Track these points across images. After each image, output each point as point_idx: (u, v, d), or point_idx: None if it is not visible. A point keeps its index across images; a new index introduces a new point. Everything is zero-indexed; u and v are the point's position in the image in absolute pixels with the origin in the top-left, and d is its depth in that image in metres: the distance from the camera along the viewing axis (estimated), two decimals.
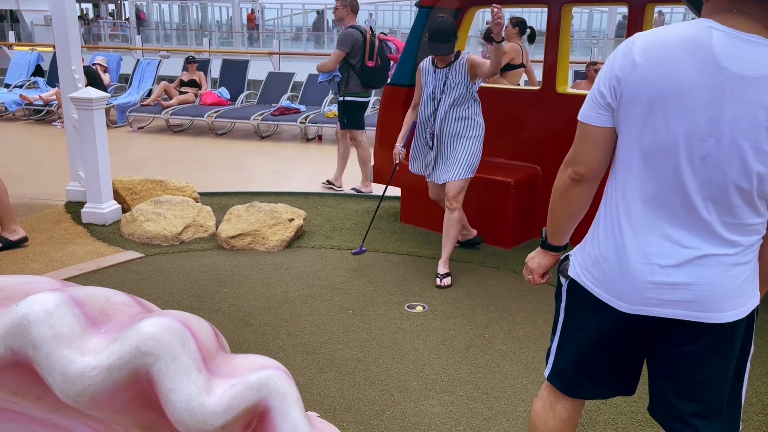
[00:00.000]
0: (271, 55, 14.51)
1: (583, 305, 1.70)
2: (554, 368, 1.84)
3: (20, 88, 10.70)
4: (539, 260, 1.89)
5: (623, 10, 26.63)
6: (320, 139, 9.03)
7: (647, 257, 1.55)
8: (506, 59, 6.01)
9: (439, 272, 4.04)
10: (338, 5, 5.76)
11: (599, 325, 1.68)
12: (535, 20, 28.06)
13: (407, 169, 5.08)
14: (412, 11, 25.43)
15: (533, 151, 4.79)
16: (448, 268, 4.07)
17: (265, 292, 3.87)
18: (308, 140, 8.97)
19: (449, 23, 3.78)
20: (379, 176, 5.23)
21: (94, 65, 10.27)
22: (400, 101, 4.97)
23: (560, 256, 1.86)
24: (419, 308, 3.68)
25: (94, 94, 4.88)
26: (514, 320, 3.55)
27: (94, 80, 8.73)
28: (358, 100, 5.86)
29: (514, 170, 4.72)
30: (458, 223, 4.01)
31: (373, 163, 5.30)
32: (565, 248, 1.86)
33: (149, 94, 10.13)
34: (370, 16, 31.36)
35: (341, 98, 5.87)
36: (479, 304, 3.76)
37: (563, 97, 4.63)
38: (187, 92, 9.91)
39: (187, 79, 10.09)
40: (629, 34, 4.16)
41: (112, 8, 35.35)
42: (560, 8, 4.58)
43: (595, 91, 1.55)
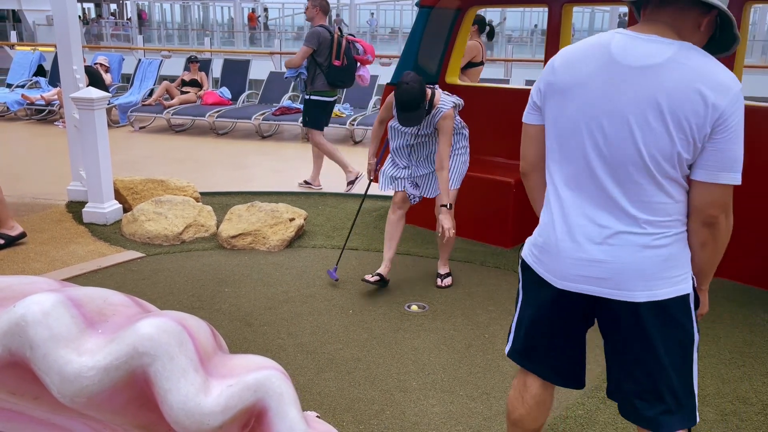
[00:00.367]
0: (272, 54, 14.52)
1: (531, 283, 1.87)
2: (513, 344, 1.98)
3: (22, 87, 10.71)
4: None
5: (625, 9, 26.58)
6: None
7: (572, 235, 1.72)
8: (468, 57, 6.19)
9: (439, 272, 4.04)
10: (309, 5, 5.94)
11: (541, 301, 1.85)
12: (537, 19, 28.08)
13: None
14: (413, 11, 25.43)
15: None
16: (448, 267, 4.07)
17: (265, 291, 3.87)
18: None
19: (415, 89, 3.47)
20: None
21: (95, 65, 10.28)
22: None
23: None
24: (418, 308, 3.68)
25: (95, 94, 4.89)
26: None
27: (95, 80, 8.74)
28: (323, 99, 5.97)
29: (514, 170, 4.72)
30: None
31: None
32: None
33: (151, 93, 10.14)
34: (371, 15, 31.35)
35: (307, 96, 6.01)
36: (479, 303, 3.76)
37: None
38: (188, 92, 9.91)
39: (188, 78, 10.10)
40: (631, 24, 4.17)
41: (114, 8, 35.38)
42: (561, 8, 4.58)
43: (530, 96, 1.83)
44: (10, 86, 11.00)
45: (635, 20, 4.46)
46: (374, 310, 3.65)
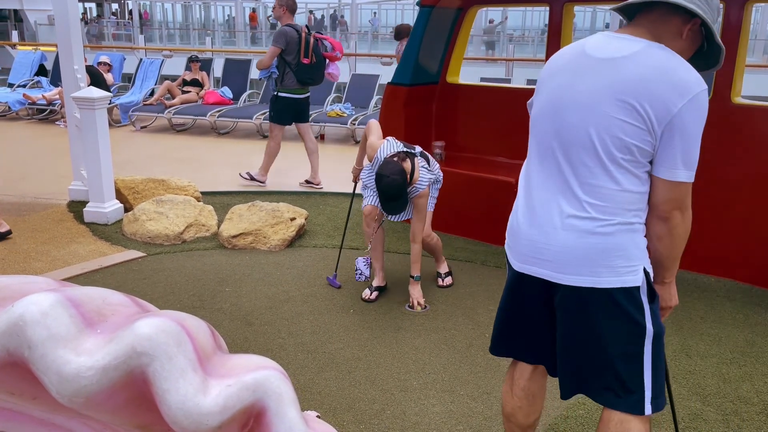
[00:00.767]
0: None
1: (508, 270, 1.97)
2: (492, 337, 2.07)
3: (24, 87, 10.72)
4: None
5: None
6: (322, 138, 9.03)
7: (530, 218, 1.79)
8: None
9: (439, 272, 4.04)
10: (276, 4, 6.01)
11: (510, 285, 1.94)
12: (539, 19, 28.06)
13: None
14: (414, 11, 25.42)
15: None
16: (447, 266, 4.07)
17: (266, 291, 3.87)
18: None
19: (398, 182, 3.31)
20: None
21: (99, 64, 10.29)
22: (401, 100, 4.97)
23: None
24: (419, 308, 3.68)
25: (96, 93, 4.89)
26: None
27: (96, 80, 8.75)
28: (292, 96, 6.05)
29: (515, 169, 4.71)
30: (438, 241, 3.94)
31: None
32: None
33: (152, 93, 10.14)
34: (374, 15, 31.32)
35: (276, 93, 6.10)
36: (480, 303, 3.76)
37: None
38: (189, 91, 9.92)
39: (189, 78, 10.10)
40: None
41: (115, 7, 35.40)
42: (561, 7, 4.57)
43: None
44: (11, 86, 11.01)
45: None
46: (375, 309, 3.65)
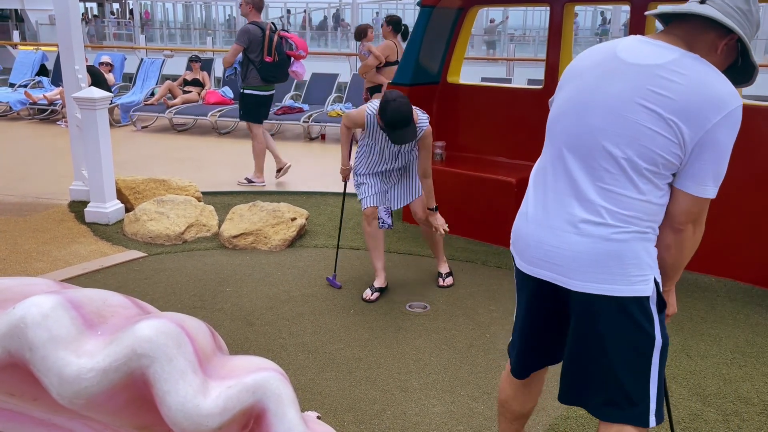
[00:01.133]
0: None
1: (516, 273, 1.92)
2: (511, 340, 2.03)
3: (25, 87, 10.73)
4: None
5: (627, 8, 26.48)
6: (323, 138, 9.03)
7: (540, 219, 1.74)
8: (384, 56, 6.48)
9: (440, 272, 4.04)
10: (242, 2, 6.07)
11: (520, 290, 1.90)
12: (539, 18, 28.02)
13: None
14: (415, 10, 25.40)
15: (535, 149, 4.79)
16: (448, 266, 4.07)
17: (267, 291, 3.87)
18: (311, 139, 8.97)
19: (405, 105, 3.31)
20: None
21: (100, 65, 10.30)
22: None
23: None
24: (420, 308, 3.68)
25: (97, 93, 4.90)
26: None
27: (98, 80, 8.76)
28: (257, 93, 6.12)
29: (515, 169, 4.72)
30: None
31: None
32: None
33: (153, 93, 10.14)
34: (376, 14, 31.27)
35: (241, 91, 6.17)
36: (481, 303, 3.76)
37: None
38: (190, 91, 9.92)
39: (190, 78, 10.11)
40: (631, 32, 4.16)
41: (116, 7, 35.40)
42: (562, 7, 4.57)
43: None
44: (12, 86, 11.02)
45: (637, 19, 4.47)
46: (375, 309, 3.65)
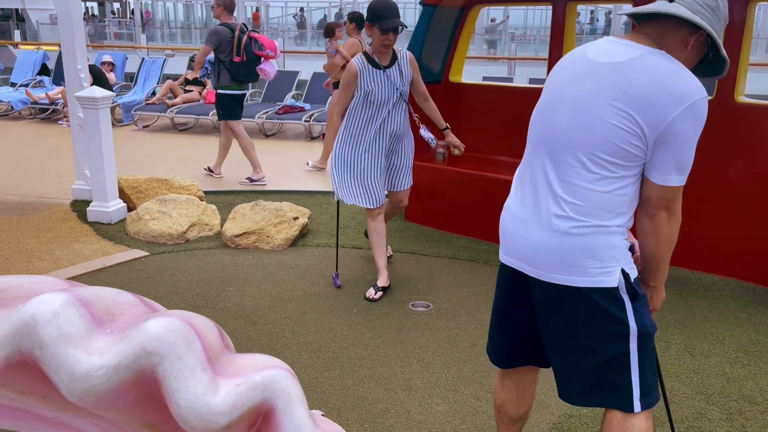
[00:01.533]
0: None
1: (499, 267, 1.99)
2: (489, 329, 2.09)
3: (26, 86, 10.74)
4: None
5: (628, 7, 26.47)
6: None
7: (516, 212, 1.82)
8: (350, 53, 6.63)
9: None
10: (214, 4, 6.21)
11: (499, 277, 1.98)
12: (541, 18, 28.02)
13: None
14: (416, 9, 25.38)
15: None
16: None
17: (269, 290, 3.88)
18: (313, 138, 8.97)
19: (390, 0, 3.63)
20: None
21: (102, 64, 10.30)
22: None
23: None
24: (423, 307, 3.68)
25: (99, 93, 4.90)
26: None
27: (99, 79, 8.76)
28: (230, 92, 6.22)
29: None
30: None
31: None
32: None
33: (154, 92, 10.14)
34: None
35: (216, 91, 6.29)
36: (483, 302, 3.76)
37: None
38: (191, 91, 9.92)
39: (191, 77, 10.07)
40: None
41: (117, 7, 35.39)
42: (564, 6, 4.57)
43: None
44: (14, 85, 11.03)
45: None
46: (378, 308, 3.65)
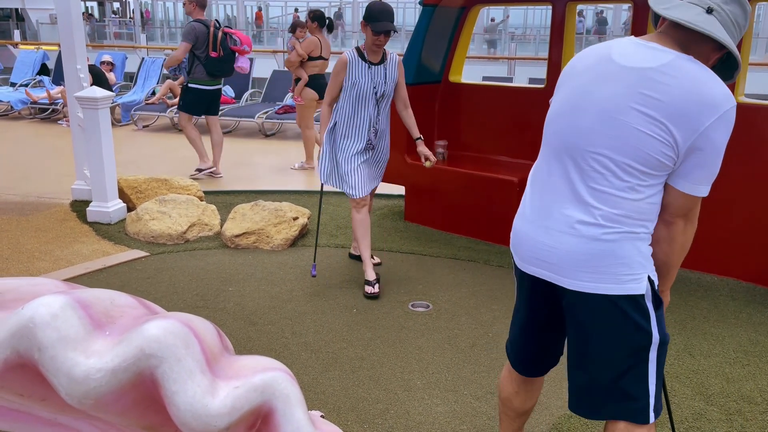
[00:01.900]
0: (275, 53, 14.52)
1: (515, 272, 1.96)
2: (509, 337, 2.08)
3: (26, 86, 10.73)
4: None
5: (626, 6, 26.45)
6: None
7: (536, 219, 1.78)
8: (306, 51, 6.78)
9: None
10: (186, 1, 6.30)
11: (519, 287, 1.94)
12: (540, 17, 28.02)
13: (409, 167, 5.08)
14: (415, 9, 25.37)
15: (537, 149, 4.78)
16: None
17: (269, 290, 3.88)
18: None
19: (388, 4, 3.82)
20: (388, 176, 5.22)
21: (101, 64, 10.29)
22: None
23: None
24: (422, 308, 3.68)
25: (99, 93, 4.90)
26: None
27: (99, 79, 8.76)
28: (201, 87, 6.33)
29: (518, 169, 4.72)
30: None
31: None
32: None
33: (154, 92, 10.14)
34: None
35: (187, 84, 6.38)
36: (483, 302, 3.76)
37: None
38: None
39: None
40: (633, 31, 4.16)
41: (117, 6, 35.38)
42: (564, 6, 4.57)
43: None
44: (14, 85, 11.02)
45: (638, 18, 4.46)
46: (378, 309, 3.65)
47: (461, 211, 4.85)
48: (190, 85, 6.33)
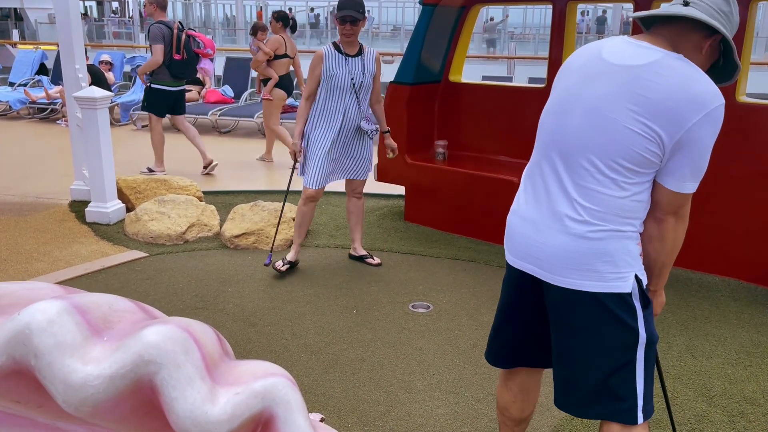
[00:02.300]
0: None
1: (506, 269, 1.97)
2: (491, 332, 2.09)
3: (25, 86, 10.71)
4: None
5: (627, 6, 26.52)
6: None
7: (527, 215, 1.79)
8: (272, 50, 6.91)
9: (362, 255, 4.32)
10: (146, 2, 6.29)
11: (506, 281, 1.95)
12: (540, 16, 28.02)
13: (408, 166, 5.07)
14: (415, 8, 25.37)
15: None
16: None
17: (269, 291, 3.86)
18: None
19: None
20: (383, 174, 5.22)
21: (100, 63, 10.27)
22: (403, 99, 4.96)
23: None
24: (422, 308, 3.67)
25: (98, 93, 4.88)
26: None
27: (98, 79, 8.74)
28: (164, 88, 6.39)
29: (518, 168, 4.70)
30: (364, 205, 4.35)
31: (376, 161, 5.28)
32: None
33: None
34: (368, 13, 31.24)
35: (149, 85, 6.42)
36: (484, 303, 3.74)
37: None
38: (190, 90, 9.89)
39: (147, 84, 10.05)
40: (634, 30, 4.14)
41: (115, 6, 35.34)
42: (564, 5, 4.56)
43: None
44: (12, 85, 11.00)
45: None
46: (378, 310, 3.64)
47: (461, 211, 4.83)
48: (153, 85, 6.37)
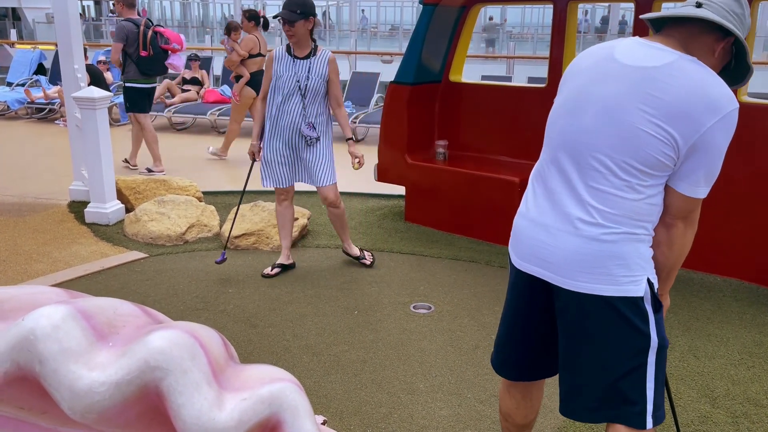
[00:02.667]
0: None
1: (510, 270, 1.92)
2: (497, 337, 2.03)
3: (23, 86, 10.68)
4: None
5: (626, 5, 26.51)
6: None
7: (536, 217, 1.75)
8: (246, 50, 7.00)
9: (355, 254, 4.27)
10: (115, 1, 6.42)
11: (512, 286, 1.90)
12: (539, 16, 28.00)
13: (409, 167, 5.06)
14: (414, 8, 25.37)
15: (538, 148, 4.76)
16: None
17: (269, 292, 3.85)
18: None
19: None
20: (383, 174, 5.20)
21: (99, 63, 10.25)
22: (403, 99, 4.95)
23: None
24: (424, 309, 3.66)
25: (96, 93, 4.86)
26: None
27: (96, 79, 8.71)
28: (138, 86, 6.43)
29: (519, 169, 4.69)
30: (344, 213, 4.18)
31: (377, 161, 5.27)
32: None
33: None
34: (362, 12, 31.18)
35: (125, 84, 6.50)
36: (485, 304, 3.73)
37: None
38: (189, 90, 9.88)
39: (189, 77, 10.06)
40: (635, 30, 4.14)
41: (113, 5, 35.28)
42: (565, 5, 4.55)
43: None
44: (10, 85, 10.97)
45: (641, 22, 4.43)
46: (379, 310, 3.63)
47: (462, 211, 4.82)
48: (127, 84, 6.42)
